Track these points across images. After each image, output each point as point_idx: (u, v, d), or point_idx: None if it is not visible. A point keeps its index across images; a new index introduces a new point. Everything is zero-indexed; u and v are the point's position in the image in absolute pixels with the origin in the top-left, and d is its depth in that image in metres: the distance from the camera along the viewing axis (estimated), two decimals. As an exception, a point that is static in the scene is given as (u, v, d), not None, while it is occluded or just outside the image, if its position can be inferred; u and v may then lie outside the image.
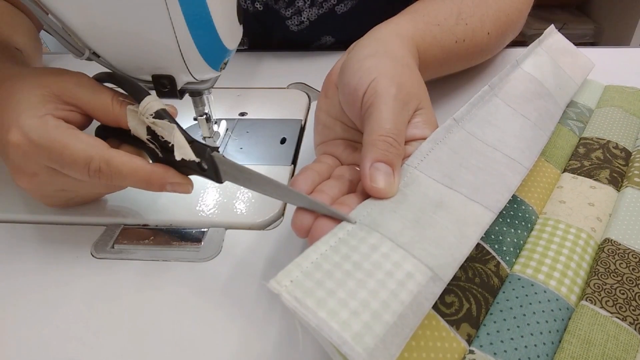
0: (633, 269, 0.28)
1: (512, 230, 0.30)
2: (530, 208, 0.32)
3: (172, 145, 0.29)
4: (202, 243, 0.34)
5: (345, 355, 0.20)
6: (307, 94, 0.51)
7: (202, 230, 0.35)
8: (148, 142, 0.30)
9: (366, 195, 0.26)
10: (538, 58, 0.40)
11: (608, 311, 0.25)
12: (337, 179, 0.30)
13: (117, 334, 0.28)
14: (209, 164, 0.29)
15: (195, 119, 0.40)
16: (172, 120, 0.30)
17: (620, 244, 0.29)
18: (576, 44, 0.46)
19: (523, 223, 0.31)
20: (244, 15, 0.56)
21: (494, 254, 0.28)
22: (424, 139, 0.29)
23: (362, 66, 0.31)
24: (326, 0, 0.56)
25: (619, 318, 0.25)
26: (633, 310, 0.26)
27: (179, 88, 0.34)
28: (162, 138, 0.30)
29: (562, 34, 0.46)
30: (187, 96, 0.37)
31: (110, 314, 0.30)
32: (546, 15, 1.81)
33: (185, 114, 0.46)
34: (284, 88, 0.52)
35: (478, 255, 0.28)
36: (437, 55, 0.41)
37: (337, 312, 0.21)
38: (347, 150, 0.33)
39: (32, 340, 0.28)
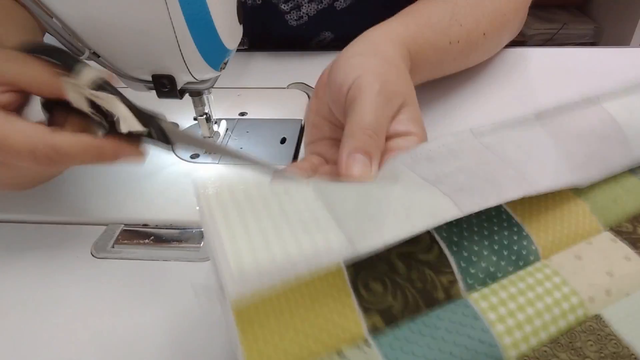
0: (602, 358, 0.24)
1: (495, 258, 0.27)
2: (534, 248, 0.28)
3: (117, 117, 0.28)
4: (202, 243, 0.34)
5: (217, 265, 0.20)
6: (307, 94, 0.51)
7: (202, 230, 0.35)
8: (92, 115, 0.29)
9: None
10: (632, 98, 0.34)
11: None
12: (320, 176, 0.30)
13: (118, 334, 0.28)
14: (158, 132, 0.29)
15: (195, 119, 0.40)
16: (114, 90, 0.28)
17: (607, 326, 0.25)
18: (576, 44, 0.46)
19: (514, 258, 0.27)
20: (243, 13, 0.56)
21: (455, 270, 0.26)
22: (409, 134, 0.29)
23: (349, 64, 0.32)
24: None
25: None
26: None
27: (179, 88, 0.34)
28: (106, 110, 0.28)
29: (562, 34, 0.46)
30: (187, 96, 0.37)
31: (110, 314, 0.30)
32: (546, 15, 1.81)
33: (185, 114, 0.46)
34: (284, 88, 0.52)
35: (435, 262, 0.26)
36: (431, 57, 0.41)
37: (235, 234, 0.21)
38: (333, 149, 0.33)
39: (32, 341, 0.28)
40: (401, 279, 0.25)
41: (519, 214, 0.28)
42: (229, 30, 0.33)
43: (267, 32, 0.60)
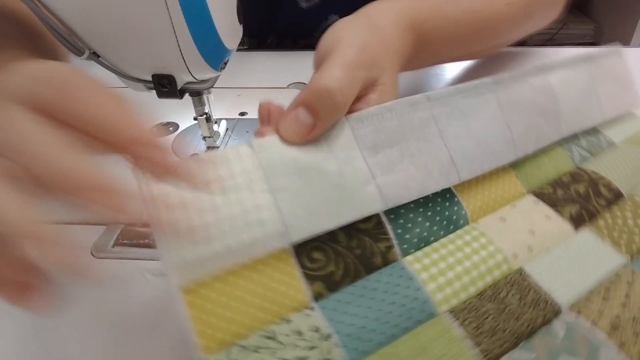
0: (523, 305, 0.26)
1: (428, 224, 0.29)
2: (464, 212, 0.30)
3: None
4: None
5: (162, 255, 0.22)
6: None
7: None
8: None
9: None
10: (573, 74, 0.37)
11: (465, 332, 0.25)
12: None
13: (118, 334, 0.28)
14: None
15: (195, 119, 0.40)
16: None
17: (527, 278, 0.28)
18: (576, 44, 0.46)
19: (445, 223, 0.30)
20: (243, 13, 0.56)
21: (392, 236, 0.28)
22: None
23: (334, 31, 0.31)
24: None
25: (472, 343, 0.24)
26: (493, 341, 0.24)
27: (179, 88, 0.34)
28: None
29: (562, 34, 0.45)
30: (187, 96, 0.37)
31: (110, 314, 0.30)
32: (546, 15, 1.80)
33: (185, 114, 0.46)
34: (284, 88, 0.52)
35: (373, 231, 0.28)
36: (442, 27, 0.37)
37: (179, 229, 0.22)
38: None
39: (32, 341, 0.28)
40: (342, 247, 0.27)
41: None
42: (229, 30, 0.33)
43: (273, 18, 0.59)
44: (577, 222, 0.31)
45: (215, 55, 0.33)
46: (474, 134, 0.31)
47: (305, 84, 0.52)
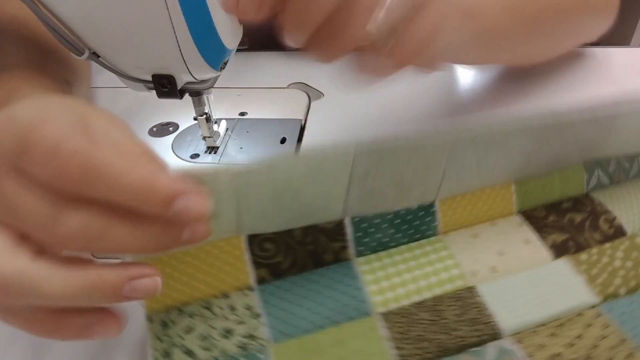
0: (460, 321, 0.26)
1: (393, 231, 0.29)
2: (435, 224, 0.30)
3: None
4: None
5: None
6: (307, 94, 0.51)
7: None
8: None
9: None
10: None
11: (390, 333, 0.25)
12: None
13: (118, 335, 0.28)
14: None
15: (195, 119, 0.40)
16: None
17: (476, 297, 0.27)
18: (576, 44, 0.46)
19: (411, 231, 0.29)
20: None
21: (349, 238, 0.28)
22: None
23: None
24: None
25: (393, 345, 0.25)
26: (415, 349, 0.25)
27: (179, 88, 0.34)
28: None
29: (562, 34, 0.45)
30: (187, 96, 0.37)
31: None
32: (546, 15, 1.80)
33: (185, 114, 0.46)
34: (284, 88, 0.52)
35: (332, 231, 0.28)
36: (494, 9, 0.33)
37: None
38: None
39: (32, 340, 0.28)
40: (295, 241, 0.27)
41: (440, 194, 0.30)
42: (229, 30, 0.33)
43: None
44: (559, 251, 0.30)
45: (215, 55, 0.33)
46: (483, 163, 0.29)
47: (305, 84, 0.52)
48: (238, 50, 0.36)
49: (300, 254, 0.27)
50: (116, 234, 0.20)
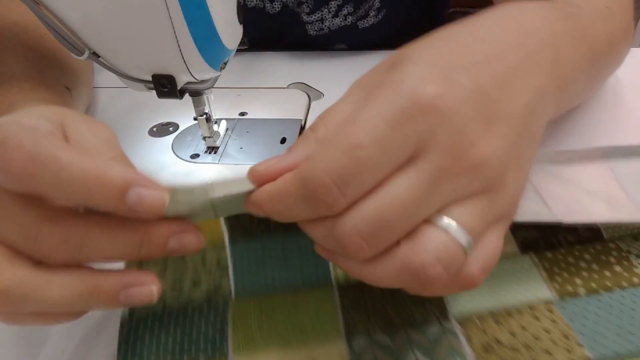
0: (411, 301, 0.27)
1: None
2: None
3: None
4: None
5: None
6: (307, 94, 0.51)
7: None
8: None
9: None
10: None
11: (342, 303, 0.28)
12: None
13: (118, 334, 0.28)
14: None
15: (195, 119, 0.40)
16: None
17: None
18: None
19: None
20: (255, 14, 0.56)
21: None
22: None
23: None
24: (350, 14, 0.56)
25: (344, 313, 0.27)
26: (361, 318, 0.27)
27: (179, 88, 0.34)
28: None
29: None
30: (187, 96, 0.37)
31: (111, 314, 0.30)
32: (546, 15, 1.80)
33: (185, 114, 0.46)
34: (284, 88, 0.52)
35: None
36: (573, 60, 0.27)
37: None
38: None
39: (32, 340, 0.28)
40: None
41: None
42: (229, 30, 0.33)
43: (282, 38, 0.59)
44: (526, 247, 0.30)
45: (215, 55, 0.33)
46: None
47: (305, 84, 0.52)
48: (238, 50, 0.36)
49: (273, 224, 0.27)
50: (97, 244, 0.21)
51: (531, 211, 0.28)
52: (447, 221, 0.20)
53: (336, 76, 0.52)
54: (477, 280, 0.21)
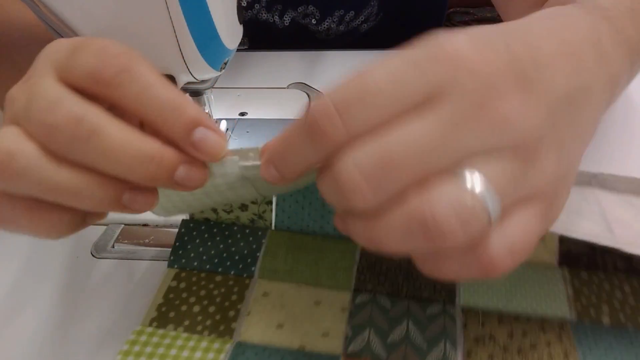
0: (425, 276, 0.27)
1: None
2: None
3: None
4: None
5: None
6: (307, 94, 0.51)
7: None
8: None
9: None
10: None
11: (360, 261, 0.30)
12: None
13: (118, 334, 0.28)
14: None
15: (195, 119, 0.40)
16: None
17: None
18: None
19: None
20: (265, 28, 0.58)
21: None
22: None
23: None
24: (352, 20, 0.58)
25: (358, 270, 0.30)
26: (375, 280, 0.29)
27: (179, 88, 0.34)
28: None
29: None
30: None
31: (111, 314, 0.30)
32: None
33: (185, 114, 0.46)
34: (284, 88, 0.52)
35: None
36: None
37: None
38: None
39: (32, 340, 0.28)
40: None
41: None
42: (229, 30, 0.33)
43: (292, 45, 0.62)
44: (566, 260, 0.29)
45: (215, 55, 0.33)
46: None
47: (305, 84, 0.52)
48: (238, 50, 0.36)
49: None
50: (110, 141, 0.20)
51: (592, 233, 0.25)
52: (468, 171, 0.17)
53: (336, 76, 0.52)
54: (499, 263, 0.18)
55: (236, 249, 0.31)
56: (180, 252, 0.31)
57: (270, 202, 0.32)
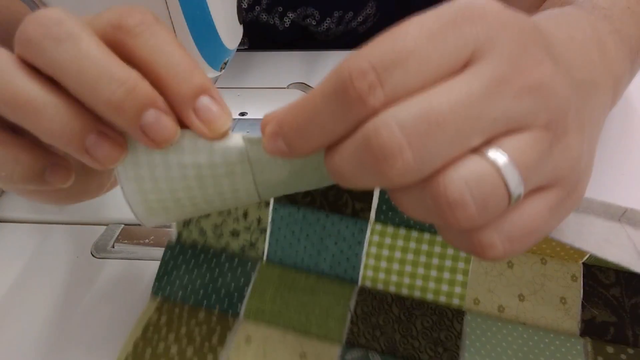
0: (424, 332, 0.26)
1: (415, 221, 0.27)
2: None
3: None
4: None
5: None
6: (307, 94, 0.51)
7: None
8: None
9: None
10: None
11: (355, 309, 0.27)
12: None
13: (119, 334, 0.28)
14: None
15: (195, 119, 0.40)
16: None
17: (458, 322, 0.26)
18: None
19: (434, 230, 0.27)
20: (266, 30, 0.57)
21: (374, 205, 0.27)
22: None
23: None
24: (351, 21, 0.58)
25: (352, 320, 0.27)
26: (369, 333, 0.26)
27: (179, 88, 0.34)
28: None
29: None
30: (187, 96, 0.37)
31: (111, 313, 0.30)
32: (546, 15, 1.80)
33: (185, 114, 0.46)
34: (284, 88, 0.52)
35: (360, 194, 0.28)
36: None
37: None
38: None
39: (32, 340, 0.28)
40: (316, 191, 0.28)
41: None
42: (229, 30, 0.33)
43: (293, 46, 0.62)
44: (589, 329, 0.25)
45: (215, 55, 0.33)
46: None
47: (305, 84, 0.52)
48: (238, 50, 0.36)
49: (316, 197, 0.27)
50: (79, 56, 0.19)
51: (622, 259, 0.23)
52: (495, 150, 0.16)
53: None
54: (490, 250, 0.17)
55: (223, 282, 0.29)
56: (165, 278, 0.29)
57: (265, 230, 0.29)
